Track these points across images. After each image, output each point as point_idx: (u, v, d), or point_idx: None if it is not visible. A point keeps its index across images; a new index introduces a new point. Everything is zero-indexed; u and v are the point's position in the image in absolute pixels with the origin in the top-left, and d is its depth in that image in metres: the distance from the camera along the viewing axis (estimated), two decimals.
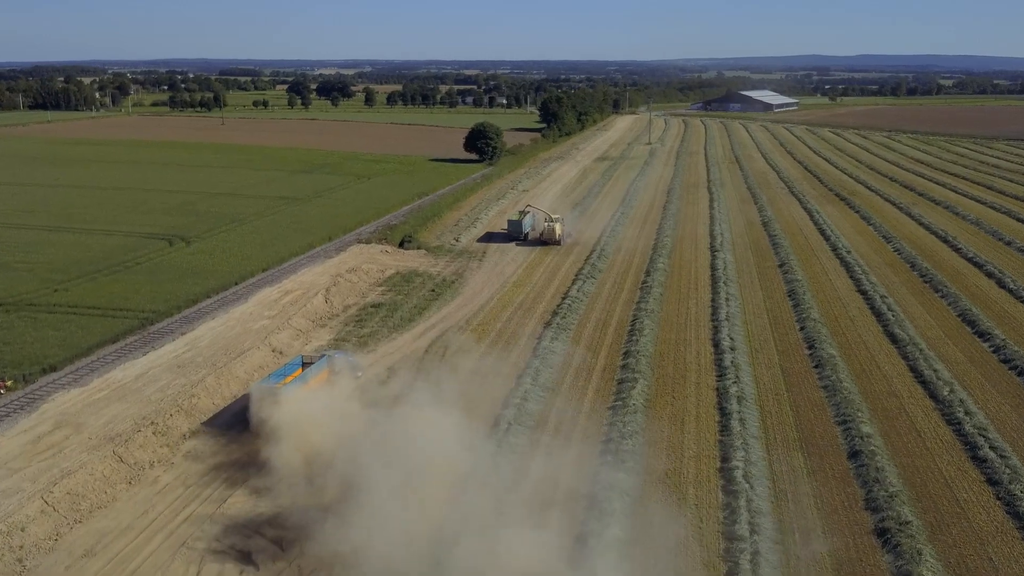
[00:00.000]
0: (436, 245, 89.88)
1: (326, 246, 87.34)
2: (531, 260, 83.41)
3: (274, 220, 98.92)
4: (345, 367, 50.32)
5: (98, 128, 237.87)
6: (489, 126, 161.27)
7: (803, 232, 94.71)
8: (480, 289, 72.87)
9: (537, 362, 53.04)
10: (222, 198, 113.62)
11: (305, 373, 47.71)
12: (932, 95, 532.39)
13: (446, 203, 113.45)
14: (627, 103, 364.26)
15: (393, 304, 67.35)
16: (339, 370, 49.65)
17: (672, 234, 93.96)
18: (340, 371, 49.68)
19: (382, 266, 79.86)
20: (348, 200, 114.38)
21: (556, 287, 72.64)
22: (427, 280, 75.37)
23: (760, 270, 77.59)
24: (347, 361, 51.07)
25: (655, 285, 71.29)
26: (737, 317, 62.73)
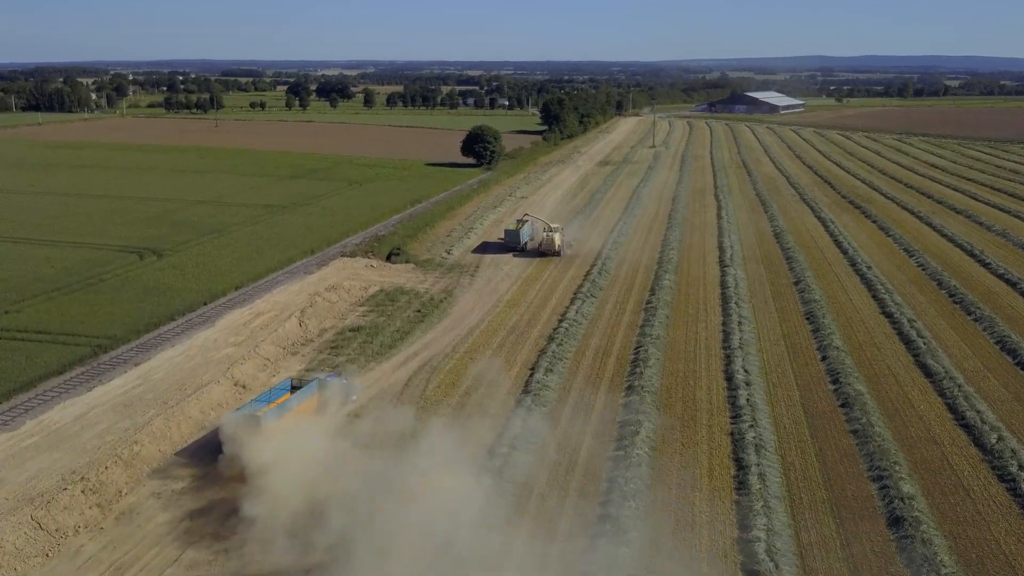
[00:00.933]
0: (426, 258, 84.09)
1: (307, 260, 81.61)
2: (527, 275, 77.62)
3: (255, 231, 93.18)
4: (338, 392, 46.17)
5: (89, 130, 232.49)
6: (487, 129, 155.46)
7: (818, 244, 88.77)
8: (470, 309, 67.07)
9: (529, 400, 47.22)
10: (204, 206, 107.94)
11: (288, 400, 43.35)
12: (939, 96, 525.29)
13: (440, 211, 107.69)
14: (630, 104, 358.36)
15: (374, 327, 61.57)
16: (330, 396, 45.61)
17: (678, 246, 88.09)
18: (332, 397, 45.64)
19: (366, 283, 74.09)
20: (337, 208, 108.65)
21: (553, 307, 66.82)
22: (413, 299, 69.59)
23: (774, 288, 71.68)
24: (340, 384, 46.73)
25: (660, 306, 65.41)
26: (751, 344, 56.84)
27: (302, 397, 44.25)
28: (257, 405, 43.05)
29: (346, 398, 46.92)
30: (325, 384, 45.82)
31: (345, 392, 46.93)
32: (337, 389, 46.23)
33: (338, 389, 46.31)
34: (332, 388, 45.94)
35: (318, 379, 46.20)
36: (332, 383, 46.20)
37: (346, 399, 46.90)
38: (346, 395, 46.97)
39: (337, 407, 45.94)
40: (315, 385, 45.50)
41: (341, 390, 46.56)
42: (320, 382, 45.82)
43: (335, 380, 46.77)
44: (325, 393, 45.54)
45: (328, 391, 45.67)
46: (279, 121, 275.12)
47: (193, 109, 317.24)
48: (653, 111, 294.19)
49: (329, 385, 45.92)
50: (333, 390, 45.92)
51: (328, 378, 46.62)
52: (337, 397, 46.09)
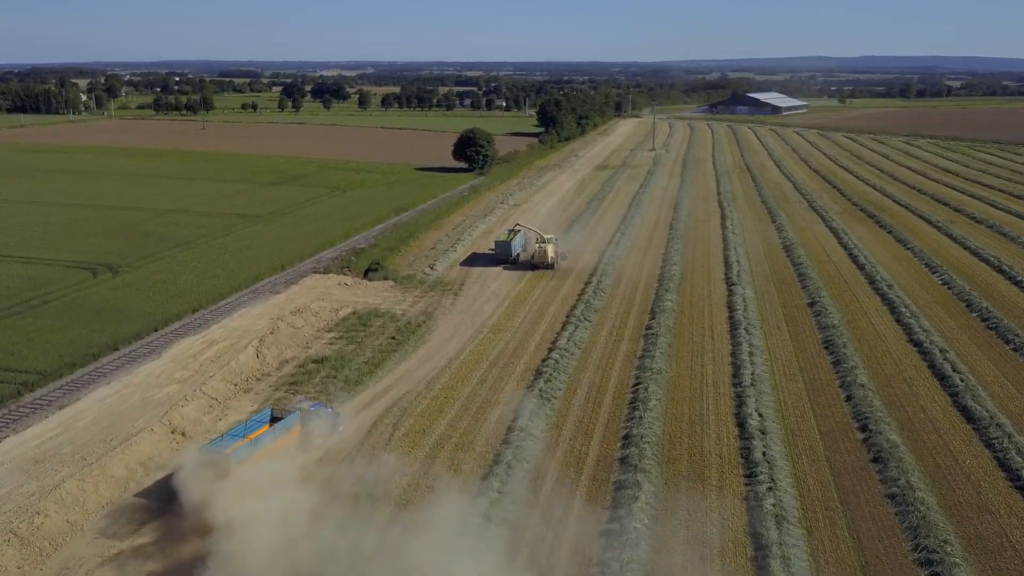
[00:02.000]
0: (407, 274, 77.38)
1: (276, 277, 74.95)
2: (515, 294, 70.95)
3: (225, 244, 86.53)
4: (323, 423, 41.89)
5: (72, 133, 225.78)
6: (479, 132, 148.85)
7: (832, 259, 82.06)
8: (450, 335, 60.39)
9: (510, 453, 40.53)
10: (174, 215, 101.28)
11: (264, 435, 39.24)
12: (942, 96, 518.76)
13: (426, 221, 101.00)
14: (630, 106, 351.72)
15: (341, 358, 54.87)
16: (315, 428, 41.40)
17: (680, 260, 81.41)
18: (316, 429, 41.41)
19: (338, 303, 67.37)
20: (316, 218, 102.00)
21: (542, 333, 60.12)
22: (389, 323, 62.89)
23: (787, 310, 64.97)
24: (326, 415, 42.29)
25: (662, 332, 58.70)
26: (765, 380, 50.15)
27: (282, 430, 39.95)
28: (229, 441, 38.60)
29: (332, 429, 42.31)
30: (309, 415, 41.32)
31: (331, 423, 42.37)
32: (322, 420, 41.74)
33: (323, 420, 41.81)
34: (316, 419, 41.41)
35: (300, 409, 41.68)
36: (316, 413, 41.67)
37: (332, 430, 42.29)
38: (332, 426, 42.39)
39: (322, 440, 41.50)
40: (296, 416, 41.02)
41: (326, 421, 42.02)
42: (303, 413, 41.36)
43: (320, 410, 42.11)
44: (309, 425, 41.12)
45: (312, 423, 41.18)
46: (269, 123, 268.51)
47: (183, 111, 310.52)
48: (653, 112, 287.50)
49: (313, 416, 41.36)
50: (317, 421, 41.41)
51: (312, 407, 42.04)
52: (322, 429, 41.67)
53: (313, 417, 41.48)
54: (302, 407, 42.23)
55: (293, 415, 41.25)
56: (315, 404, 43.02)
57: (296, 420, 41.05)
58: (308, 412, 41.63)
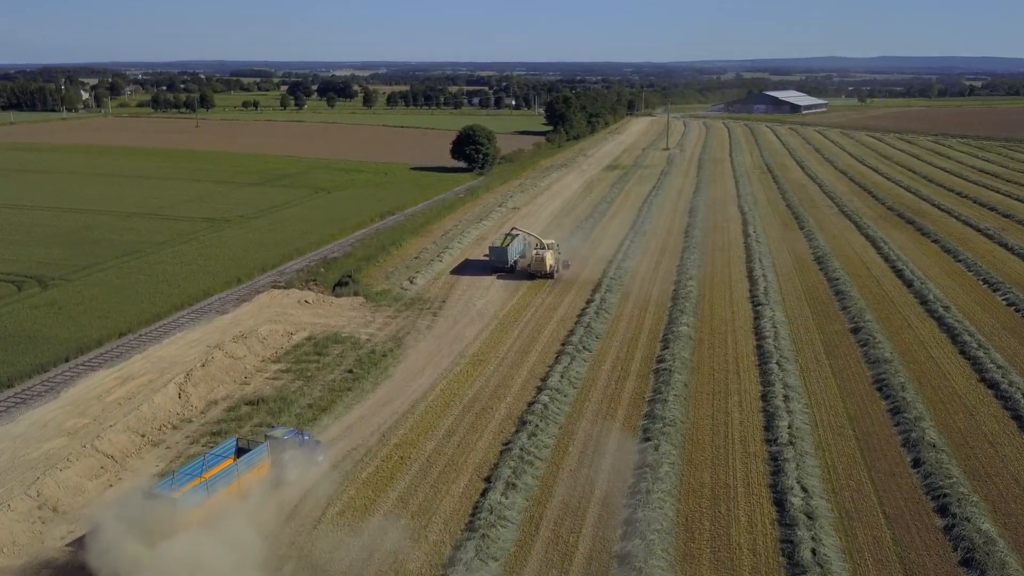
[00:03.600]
0: (381, 289, 67.16)
1: (229, 293, 64.89)
2: (504, 314, 60.60)
3: (180, 252, 76.55)
4: (298, 456, 35.84)
5: (59, 131, 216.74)
6: (479, 130, 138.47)
7: (872, 272, 71.27)
8: (421, 368, 50.10)
9: (472, 549, 30.24)
10: (135, 219, 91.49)
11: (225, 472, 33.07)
12: (964, 96, 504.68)
13: (413, 226, 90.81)
14: (643, 104, 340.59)
15: (282, 399, 44.73)
16: (289, 460, 35.38)
17: (698, 274, 70.87)
18: (291, 461, 35.42)
19: (293, 326, 57.23)
20: (291, 222, 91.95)
21: (531, 366, 49.78)
22: (349, 350, 52.69)
23: (826, 338, 54.29)
24: (302, 444, 36.27)
25: (676, 366, 48.25)
26: (806, 436, 39.62)
27: (247, 466, 34.06)
28: (181, 480, 32.45)
29: (310, 461, 36.53)
30: (281, 445, 35.40)
31: (309, 454, 36.52)
32: (297, 451, 35.82)
33: (299, 451, 35.90)
34: (291, 450, 35.51)
35: (272, 438, 35.73)
36: (290, 443, 35.65)
37: (310, 462, 36.49)
38: (310, 457, 36.57)
39: (298, 475, 35.56)
40: (265, 449, 35.15)
41: (303, 452, 36.12)
42: (275, 443, 35.44)
43: (294, 439, 35.98)
44: (281, 457, 35.29)
45: (286, 454, 35.33)
46: (268, 121, 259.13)
47: (182, 109, 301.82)
48: (667, 111, 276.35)
49: (287, 446, 35.45)
50: (292, 452, 35.53)
51: (286, 436, 35.97)
52: (298, 462, 35.75)
53: (287, 447, 35.32)
54: (274, 435, 35.87)
55: (262, 447, 35.04)
56: (289, 431, 36.53)
57: (265, 452, 34.96)
58: (280, 442, 35.38)
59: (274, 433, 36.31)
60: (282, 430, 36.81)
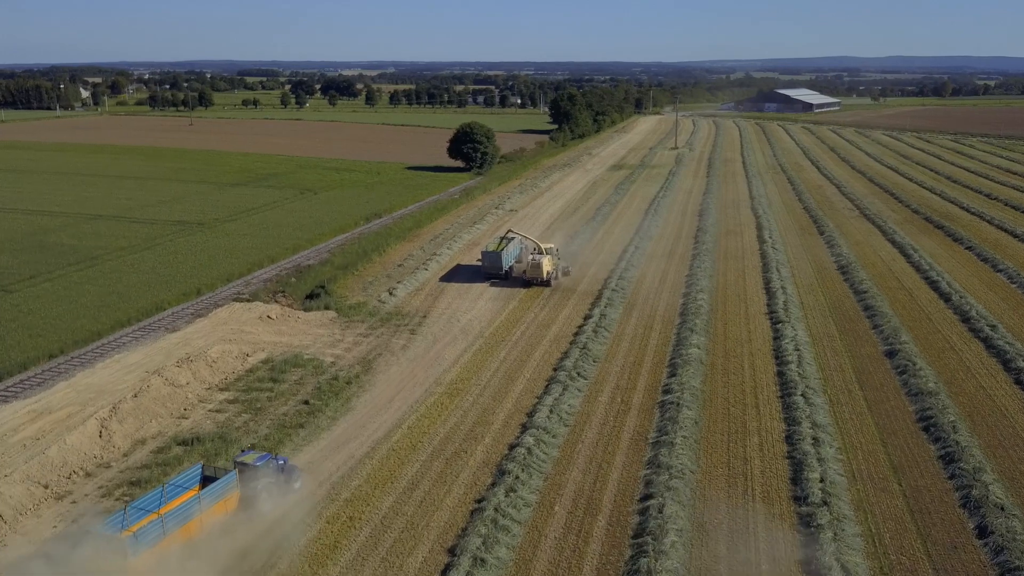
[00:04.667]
0: (356, 302, 60.39)
1: (185, 306, 58.23)
2: (491, 332, 53.77)
3: (140, 259, 70.02)
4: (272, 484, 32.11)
5: (49, 129, 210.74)
6: (478, 127, 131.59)
7: (903, 284, 64.13)
8: (389, 399, 43.30)
9: None
10: (101, 222, 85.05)
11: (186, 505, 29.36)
12: (979, 95, 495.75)
13: (400, 230, 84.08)
14: (651, 103, 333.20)
15: (221, 437, 38.08)
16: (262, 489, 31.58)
17: (709, 285, 63.85)
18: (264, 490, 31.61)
19: (250, 346, 50.52)
20: (269, 226, 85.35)
21: (517, 397, 42.95)
22: (310, 376, 45.97)
23: (857, 364, 47.22)
24: (276, 470, 32.51)
25: (685, 398, 41.34)
26: (842, 495, 32.65)
27: (212, 498, 30.37)
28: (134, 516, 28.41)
29: (286, 489, 32.72)
30: (253, 473, 31.67)
31: (284, 481, 32.75)
32: (271, 478, 32.12)
33: (273, 478, 32.19)
34: (264, 477, 31.83)
35: (243, 464, 31.98)
36: (263, 470, 31.97)
37: (286, 490, 32.70)
38: (286, 485, 32.77)
39: (272, 506, 31.73)
40: (234, 477, 31.47)
41: (277, 479, 32.44)
42: (245, 470, 31.78)
43: (267, 464, 32.24)
44: (253, 486, 31.52)
45: (258, 482, 31.59)
46: (265, 120, 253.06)
47: (180, 107, 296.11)
48: (676, 109, 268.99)
49: (259, 474, 31.74)
50: (265, 480, 31.83)
51: (258, 461, 32.14)
52: (272, 490, 31.99)
53: (259, 475, 31.64)
54: (244, 461, 32.12)
55: (230, 475, 31.32)
56: (262, 456, 32.65)
57: (234, 481, 31.31)
58: (252, 469, 31.66)
59: (244, 458, 32.21)
60: (253, 454, 32.78)
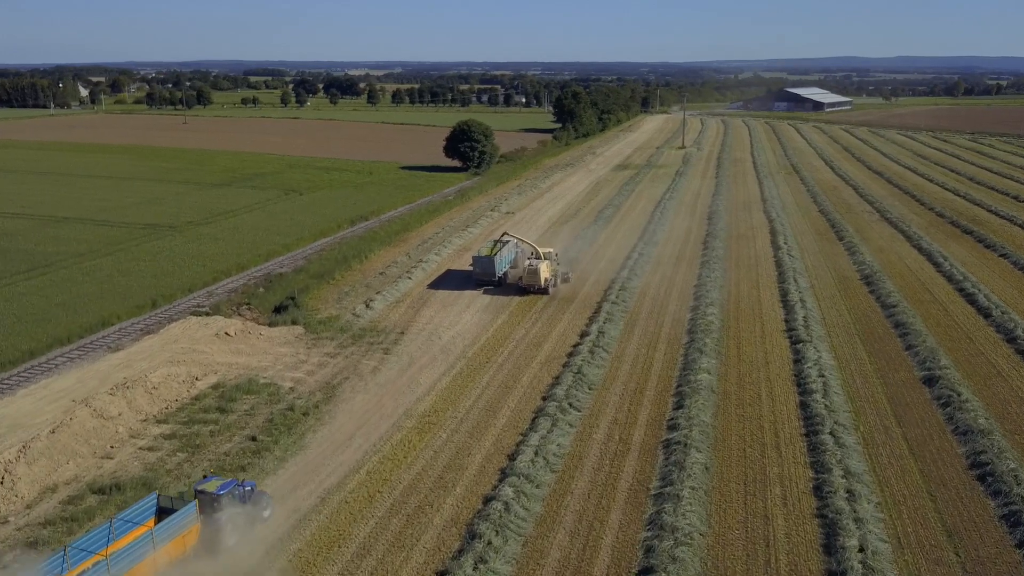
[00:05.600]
0: (328, 316, 54.48)
1: (137, 321, 52.42)
2: (475, 352, 47.81)
3: (97, 267, 64.31)
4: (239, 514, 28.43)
5: (37, 128, 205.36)
6: (475, 125, 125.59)
7: (935, 297, 57.90)
8: (349, 435, 37.35)
9: None
10: (66, 225, 79.40)
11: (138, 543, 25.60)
12: (991, 95, 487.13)
13: (385, 234, 78.17)
14: (658, 102, 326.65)
15: (146, 484, 32.27)
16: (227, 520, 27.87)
17: (719, 298, 57.70)
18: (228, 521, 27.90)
19: (201, 368, 44.63)
20: (245, 229, 79.56)
21: (497, 434, 36.98)
22: (264, 405, 40.09)
23: (892, 394, 41.04)
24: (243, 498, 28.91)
25: (694, 438, 35.29)
26: (886, 567, 26.57)
27: (170, 531, 26.78)
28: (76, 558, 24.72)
29: (254, 517, 29.22)
30: (215, 503, 28.25)
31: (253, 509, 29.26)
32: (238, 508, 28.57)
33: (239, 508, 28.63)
34: (229, 508, 28.33)
35: (204, 493, 28.45)
36: (228, 499, 28.46)
37: (255, 519, 29.21)
38: (255, 513, 29.29)
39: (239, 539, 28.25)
40: (194, 509, 27.90)
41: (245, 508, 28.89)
42: (206, 500, 28.27)
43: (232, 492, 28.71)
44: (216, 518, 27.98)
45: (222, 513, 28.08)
46: (262, 118, 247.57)
47: (177, 105, 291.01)
48: (683, 108, 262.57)
49: (223, 504, 28.28)
50: (230, 511, 28.30)
51: (221, 489, 28.60)
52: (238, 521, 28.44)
53: (223, 504, 28.16)
54: (205, 489, 28.51)
55: (189, 506, 27.80)
56: (226, 483, 28.99)
57: (194, 514, 27.76)
58: (214, 498, 28.18)
59: (205, 486, 28.64)
60: (216, 480, 29.14)
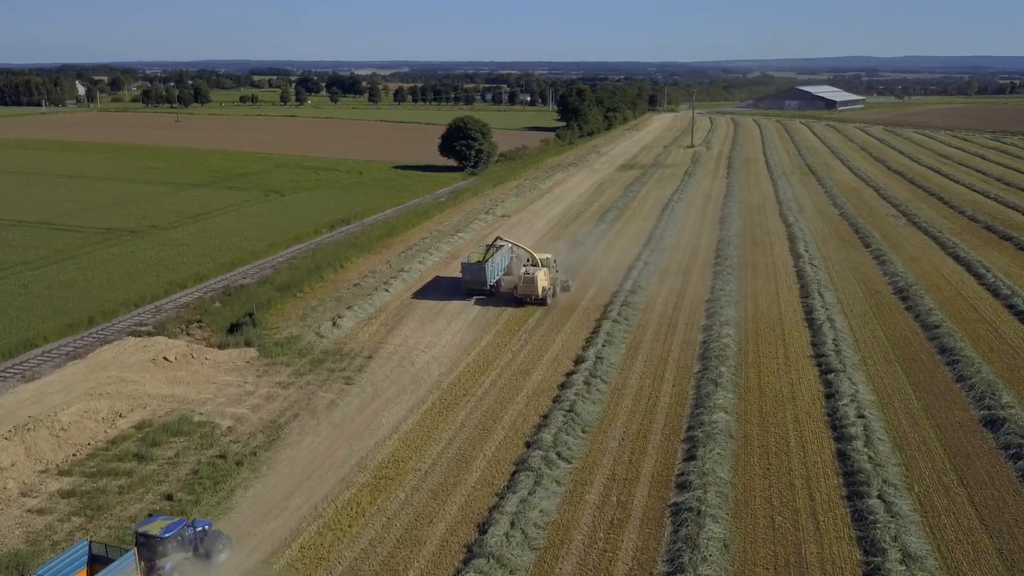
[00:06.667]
0: (287, 336, 47.72)
1: (63, 342, 45.80)
2: (451, 382, 41.04)
3: (36, 278, 57.82)
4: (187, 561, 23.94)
5: (25, 126, 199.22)
6: (472, 123, 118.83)
7: (982, 314, 50.82)
8: (288, 494, 30.61)
9: None
10: (17, 229, 73.17)
11: None
12: (1005, 94, 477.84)
13: (366, 240, 71.51)
14: (665, 100, 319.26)
15: (18, 565, 25.44)
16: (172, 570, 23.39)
17: (735, 315, 50.70)
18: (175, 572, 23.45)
19: (129, 402, 37.92)
20: (215, 233, 73.04)
21: (467, 494, 30.20)
22: (193, 450, 33.42)
23: (947, 440, 34.01)
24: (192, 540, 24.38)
25: (709, 502, 28.45)
26: None
27: None
28: None
29: (208, 563, 24.27)
30: (160, 546, 23.50)
31: (207, 552, 24.43)
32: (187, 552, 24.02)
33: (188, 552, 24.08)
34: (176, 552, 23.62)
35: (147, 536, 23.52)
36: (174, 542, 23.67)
37: (207, 565, 24.25)
38: (208, 558, 24.35)
39: None
40: (131, 559, 22.86)
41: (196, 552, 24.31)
42: (149, 543, 23.42)
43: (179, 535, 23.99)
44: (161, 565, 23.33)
45: (167, 558, 23.36)
46: (259, 116, 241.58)
47: (174, 104, 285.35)
48: (692, 106, 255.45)
49: (168, 547, 23.51)
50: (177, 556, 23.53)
51: (166, 532, 23.69)
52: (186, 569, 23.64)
53: (168, 550, 23.72)
54: (148, 532, 23.88)
55: (127, 556, 22.94)
56: (173, 523, 24.43)
57: (132, 564, 22.93)
58: (159, 542, 23.63)
59: (148, 528, 24.18)
60: (162, 521, 24.66)
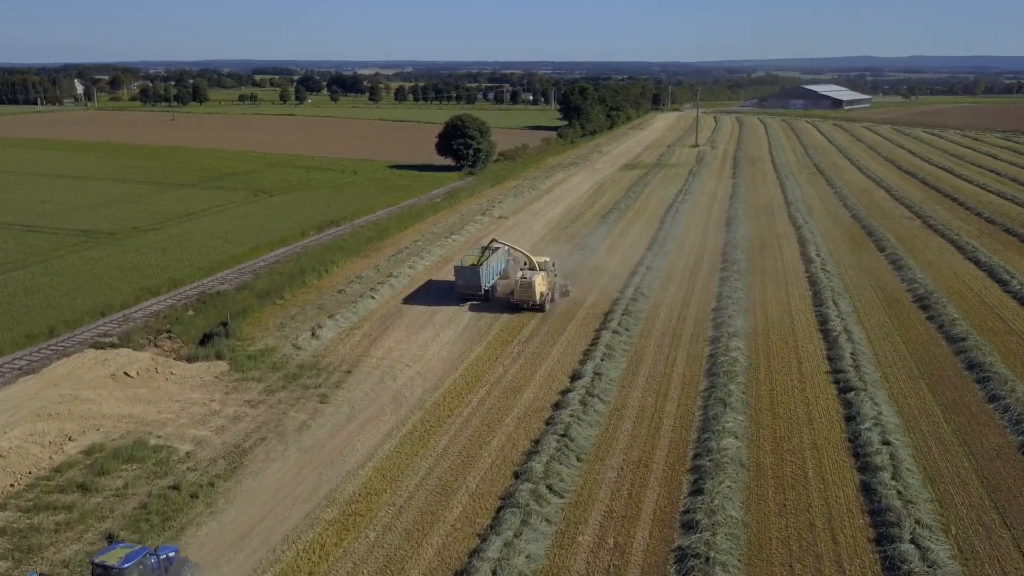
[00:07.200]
0: (262, 348, 44.31)
1: (19, 355, 42.51)
2: (435, 401, 37.64)
3: (7, 282, 54.29)
4: None
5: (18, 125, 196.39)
6: (470, 120, 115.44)
7: (1010, 325, 47.26)
8: (245, 533, 27.29)
9: None
10: None
11: None
12: (1012, 94, 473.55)
13: (355, 242, 68.14)
14: (669, 99, 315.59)
15: None
16: None
17: (744, 326, 47.20)
18: None
19: (81, 423, 34.58)
20: (195, 236, 69.73)
21: (446, 536, 26.82)
22: (144, 480, 30.15)
23: (983, 470, 30.53)
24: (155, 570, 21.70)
25: (718, 545, 25.08)
26: None
27: None
28: None
29: None
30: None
31: None
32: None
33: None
34: None
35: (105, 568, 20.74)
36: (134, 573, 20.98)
37: None
38: None
39: None
40: None
41: None
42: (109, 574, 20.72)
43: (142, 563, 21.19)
44: None
45: None
46: (256, 115, 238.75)
47: (172, 102, 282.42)
48: (696, 105, 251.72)
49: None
50: None
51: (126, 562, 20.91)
52: None
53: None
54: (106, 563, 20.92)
55: None
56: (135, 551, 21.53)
57: None
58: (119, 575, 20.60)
59: (105, 558, 21.39)
60: (122, 549, 21.88)
